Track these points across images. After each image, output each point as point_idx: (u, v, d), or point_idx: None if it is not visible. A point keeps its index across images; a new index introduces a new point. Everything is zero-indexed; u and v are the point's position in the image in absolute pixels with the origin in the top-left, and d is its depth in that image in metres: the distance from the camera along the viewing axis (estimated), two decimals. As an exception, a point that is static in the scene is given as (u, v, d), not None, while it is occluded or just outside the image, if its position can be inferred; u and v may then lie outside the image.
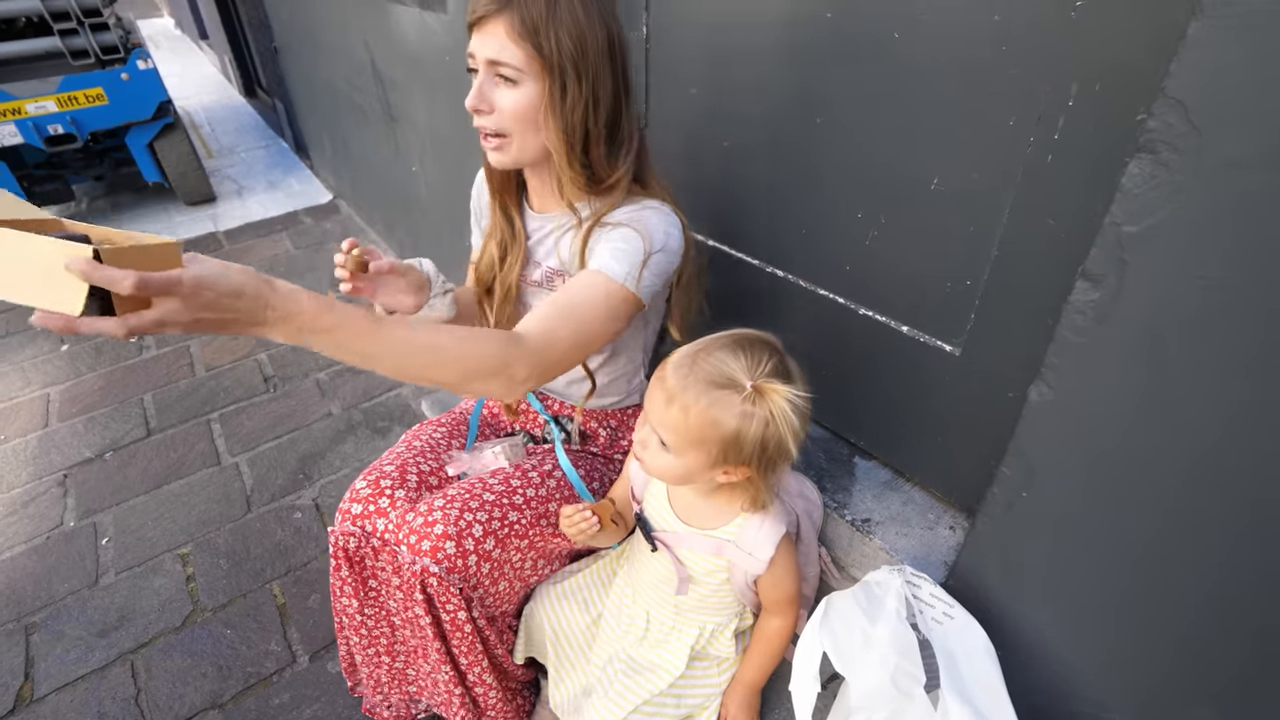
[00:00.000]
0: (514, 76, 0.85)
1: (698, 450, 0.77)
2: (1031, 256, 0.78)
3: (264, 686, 1.35)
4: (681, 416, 0.76)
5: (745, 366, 0.75)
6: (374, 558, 0.99)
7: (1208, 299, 0.53)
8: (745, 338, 0.79)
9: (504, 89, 0.86)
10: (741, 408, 0.73)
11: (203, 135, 5.10)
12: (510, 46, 0.83)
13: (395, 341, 0.71)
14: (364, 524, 0.99)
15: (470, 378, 0.77)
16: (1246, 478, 0.56)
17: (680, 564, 0.93)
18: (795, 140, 1.02)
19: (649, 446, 0.82)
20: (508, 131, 0.89)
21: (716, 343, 0.79)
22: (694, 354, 0.78)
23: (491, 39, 0.84)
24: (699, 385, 0.75)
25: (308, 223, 3.54)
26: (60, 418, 2.15)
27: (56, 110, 3.03)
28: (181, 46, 8.82)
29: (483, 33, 0.84)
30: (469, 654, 1.02)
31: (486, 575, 0.98)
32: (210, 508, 1.78)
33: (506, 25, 0.83)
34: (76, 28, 2.99)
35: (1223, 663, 0.63)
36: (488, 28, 0.84)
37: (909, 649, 0.76)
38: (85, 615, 1.51)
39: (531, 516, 1.02)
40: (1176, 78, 0.50)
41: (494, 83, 0.87)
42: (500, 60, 0.84)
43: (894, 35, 0.83)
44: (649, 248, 0.89)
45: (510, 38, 0.83)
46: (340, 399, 2.19)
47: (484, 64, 0.86)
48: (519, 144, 0.90)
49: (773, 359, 0.77)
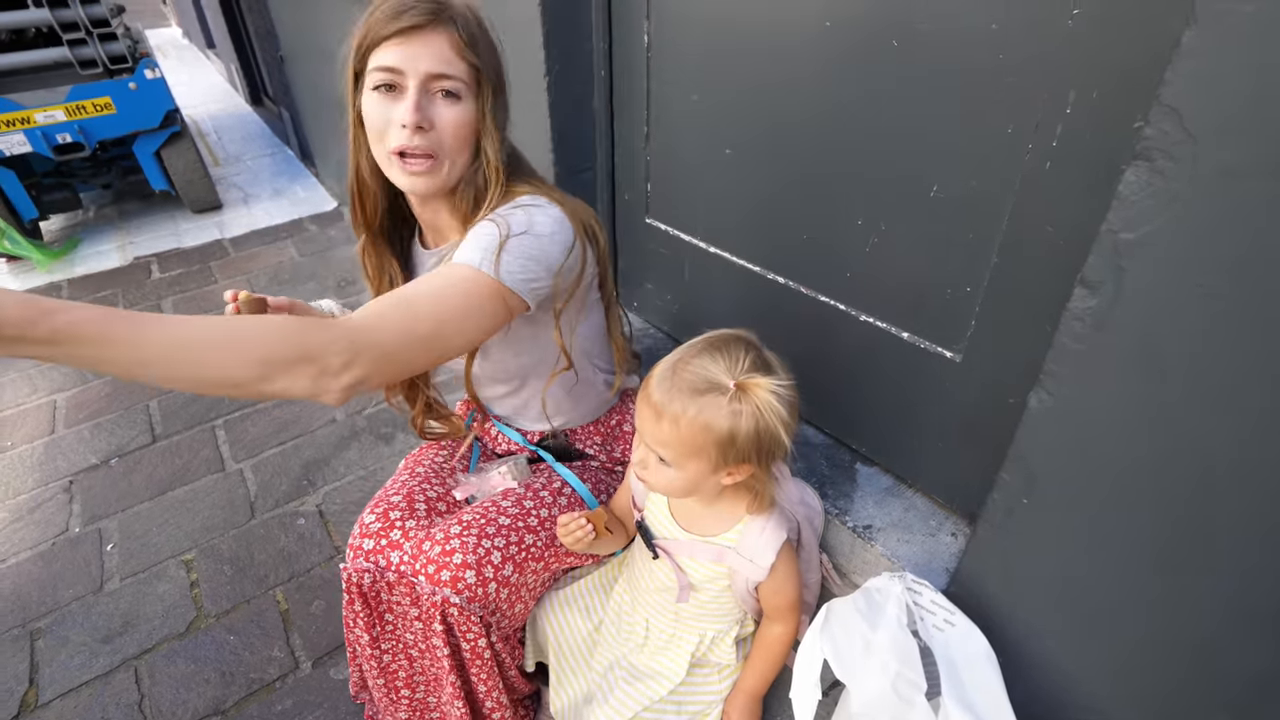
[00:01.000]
0: (458, 91, 0.81)
1: (697, 459, 0.77)
2: (1031, 263, 0.78)
3: (267, 693, 1.36)
4: (673, 430, 0.76)
5: (725, 367, 0.76)
6: (389, 591, 0.97)
7: (1205, 306, 0.53)
8: (720, 339, 0.80)
9: (445, 105, 0.82)
10: (730, 407, 0.74)
11: (209, 143, 5.14)
12: (456, 60, 0.80)
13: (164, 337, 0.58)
14: (377, 559, 0.96)
15: (270, 367, 0.61)
16: (1248, 483, 0.55)
17: (681, 572, 0.93)
18: (796, 147, 1.03)
19: (649, 465, 0.82)
20: (440, 152, 0.83)
21: (692, 350, 0.79)
22: (673, 365, 0.78)
23: (430, 51, 0.79)
24: (684, 395, 0.75)
25: (313, 230, 3.56)
26: (66, 424, 2.17)
27: (65, 119, 3.06)
28: (189, 56, 8.90)
29: (414, 44, 0.79)
30: (487, 680, 1.01)
31: (505, 600, 0.97)
32: (214, 514, 1.79)
33: (449, 38, 0.80)
34: (85, 38, 3.02)
35: (1239, 669, 0.63)
36: (422, 39, 0.79)
37: (910, 656, 0.76)
38: (90, 621, 1.51)
39: (546, 538, 1.02)
40: (1172, 85, 0.50)
41: (431, 98, 0.81)
42: (447, 74, 0.80)
43: (893, 43, 0.84)
44: (504, 232, 0.80)
45: (455, 50, 0.80)
46: (344, 406, 2.20)
47: (421, 77, 0.79)
48: (449, 165, 0.85)
49: (750, 354, 0.77)
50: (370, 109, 0.82)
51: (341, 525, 1.72)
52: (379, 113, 0.81)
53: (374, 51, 0.80)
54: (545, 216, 0.85)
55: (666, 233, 1.40)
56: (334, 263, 3.19)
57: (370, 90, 0.82)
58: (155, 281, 3.08)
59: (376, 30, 0.79)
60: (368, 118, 0.83)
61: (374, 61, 0.80)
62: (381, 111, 0.81)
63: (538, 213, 0.85)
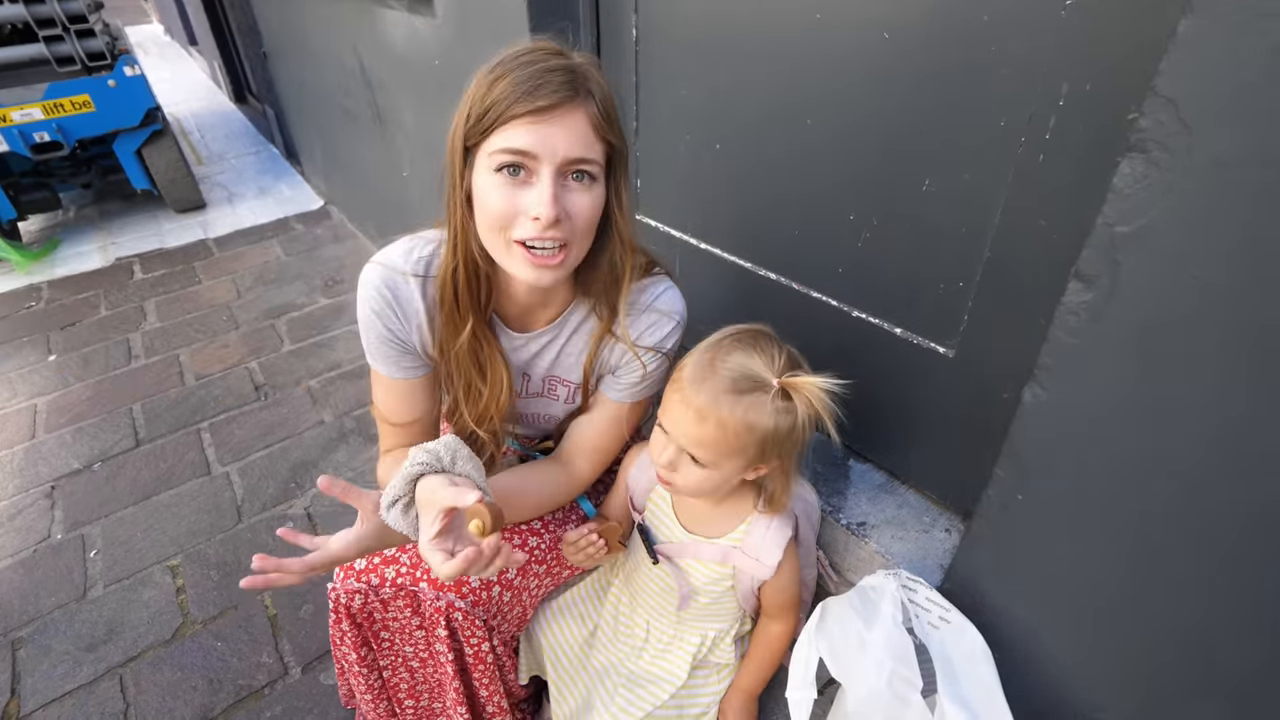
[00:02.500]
0: (595, 174, 0.73)
1: (736, 457, 0.77)
2: (1024, 257, 0.78)
3: (255, 699, 1.34)
4: (719, 431, 0.74)
5: (764, 364, 0.75)
6: (384, 610, 0.94)
7: (1200, 299, 0.53)
8: (749, 334, 0.79)
9: (579, 191, 0.73)
10: (773, 405, 0.74)
11: (192, 142, 5.07)
12: (595, 143, 0.71)
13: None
14: (369, 577, 0.92)
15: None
16: (1243, 477, 0.55)
17: (683, 578, 0.92)
18: (786, 141, 1.02)
19: (679, 468, 0.80)
20: (572, 241, 0.74)
21: (724, 347, 0.77)
22: (710, 364, 0.76)
23: (569, 133, 0.69)
24: (729, 396, 0.74)
25: (299, 229, 3.52)
26: (48, 429, 2.13)
27: (42, 118, 3.00)
28: (170, 52, 8.78)
29: (551, 124, 0.68)
30: (489, 685, 1.00)
31: (508, 604, 0.97)
32: (200, 518, 1.76)
33: (588, 116, 0.70)
34: (62, 34, 2.97)
35: (1233, 662, 0.62)
36: (560, 119, 0.69)
37: (905, 654, 0.76)
38: (73, 629, 1.48)
39: (550, 540, 1.01)
40: (1167, 76, 0.50)
41: (565, 185, 0.72)
42: (586, 158, 0.71)
43: (884, 35, 0.83)
44: (651, 368, 0.89)
45: (595, 130, 0.71)
46: (332, 407, 2.17)
47: (558, 163, 0.70)
48: (576, 253, 0.77)
49: (783, 350, 0.78)
50: (490, 193, 0.72)
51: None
52: (503, 199, 0.71)
53: (499, 129, 0.70)
54: (672, 325, 0.90)
55: (656, 228, 1.38)
56: (320, 262, 3.15)
57: (491, 171, 0.71)
58: (138, 282, 3.04)
59: (504, 105, 0.68)
60: (486, 203, 0.73)
61: (499, 141, 0.70)
62: (506, 198, 0.71)
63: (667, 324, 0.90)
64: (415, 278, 0.84)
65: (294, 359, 2.43)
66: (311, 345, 2.51)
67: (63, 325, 2.72)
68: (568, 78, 0.69)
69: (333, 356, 2.44)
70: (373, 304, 0.84)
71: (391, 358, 0.87)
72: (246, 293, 2.91)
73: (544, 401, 1.00)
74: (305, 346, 2.51)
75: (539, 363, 0.94)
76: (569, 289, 0.89)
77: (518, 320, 0.90)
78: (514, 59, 0.71)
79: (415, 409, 0.92)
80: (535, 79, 0.68)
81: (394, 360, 0.88)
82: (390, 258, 0.85)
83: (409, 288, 0.84)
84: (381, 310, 0.84)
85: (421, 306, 0.85)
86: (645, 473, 0.96)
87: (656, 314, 0.89)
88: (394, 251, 0.86)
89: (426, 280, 0.85)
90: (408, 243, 0.87)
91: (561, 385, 0.97)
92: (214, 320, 2.71)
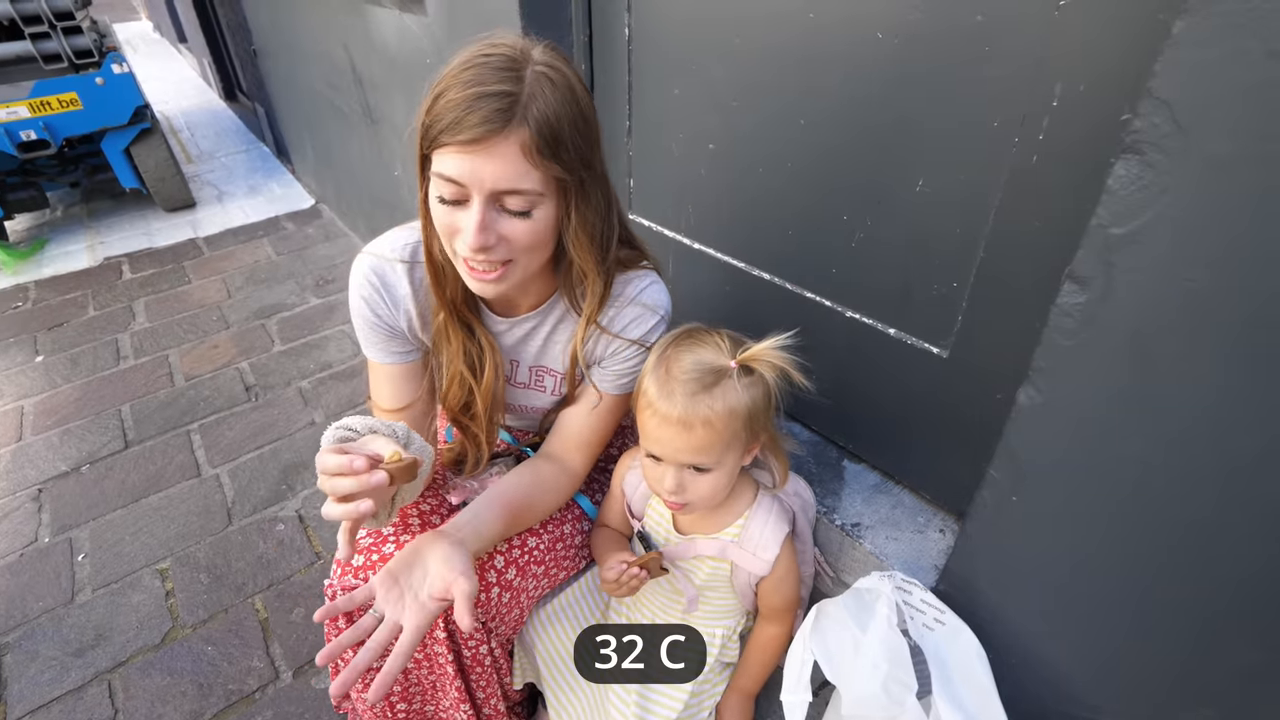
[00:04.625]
0: (528, 207, 0.71)
1: (733, 447, 0.79)
2: (1018, 258, 0.78)
3: (246, 704, 1.32)
4: (708, 430, 0.76)
5: (714, 353, 0.78)
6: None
7: (1195, 301, 0.53)
8: (685, 334, 0.82)
9: (514, 219, 0.72)
10: (741, 384, 0.76)
11: (182, 140, 5.02)
12: (528, 172, 0.68)
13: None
14: (367, 574, 0.92)
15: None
16: (1237, 478, 0.55)
17: (688, 579, 0.92)
18: (779, 142, 1.01)
19: (687, 485, 0.80)
20: (514, 257, 0.75)
21: (671, 357, 0.79)
22: (667, 376, 0.78)
23: (495, 166, 0.67)
24: (702, 394, 0.75)
25: (289, 228, 3.50)
26: (35, 430, 2.10)
27: (29, 116, 2.97)
28: (160, 50, 8.70)
29: (478, 157, 0.67)
30: (487, 686, 1.00)
31: (506, 605, 0.96)
32: (190, 521, 1.75)
33: (519, 146, 0.67)
34: (49, 31, 2.93)
35: (1228, 664, 0.62)
36: (487, 152, 0.67)
37: (900, 656, 0.76)
38: (60, 634, 1.47)
39: (549, 540, 1.01)
40: (1162, 77, 0.50)
41: (497, 212, 0.71)
42: (517, 189, 0.69)
43: (877, 35, 0.82)
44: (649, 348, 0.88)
45: (529, 160, 0.67)
46: (323, 407, 2.16)
47: (486, 195, 0.69)
48: (522, 268, 0.77)
49: (722, 334, 0.81)
50: (435, 207, 0.74)
51: (322, 530, 1.69)
52: (444, 218, 0.73)
53: (436, 150, 0.70)
54: (656, 320, 0.90)
55: (650, 228, 1.38)
56: (312, 261, 3.13)
57: (434, 187, 0.73)
58: (126, 282, 3.01)
59: (438, 129, 0.68)
60: (435, 216, 0.75)
61: (437, 163, 0.70)
62: (446, 214, 0.72)
63: (657, 298, 0.90)
64: (402, 264, 0.88)
65: (285, 359, 2.42)
66: (303, 345, 2.50)
67: (50, 326, 2.69)
68: (501, 104, 0.66)
69: (324, 357, 2.42)
70: (362, 290, 0.88)
71: (380, 343, 0.91)
72: (237, 292, 2.89)
73: (532, 394, 1.03)
74: (296, 346, 2.49)
75: (526, 349, 0.97)
76: (549, 279, 0.91)
77: (500, 305, 0.94)
78: (459, 70, 0.69)
79: (406, 394, 0.95)
80: (465, 106, 0.66)
81: (383, 345, 0.91)
82: (379, 246, 0.89)
83: (396, 273, 0.88)
84: (370, 296, 0.88)
85: (409, 291, 0.88)
86: (641, 478, 0.95)
87: (640, 308, 0.90)
88: (383, 240, 0.90)
89: (414, 266, 0.88)
90: (396, 231, 0.90)
91: (549, 376, 1.00)
92: (204, 320, 2.69)
